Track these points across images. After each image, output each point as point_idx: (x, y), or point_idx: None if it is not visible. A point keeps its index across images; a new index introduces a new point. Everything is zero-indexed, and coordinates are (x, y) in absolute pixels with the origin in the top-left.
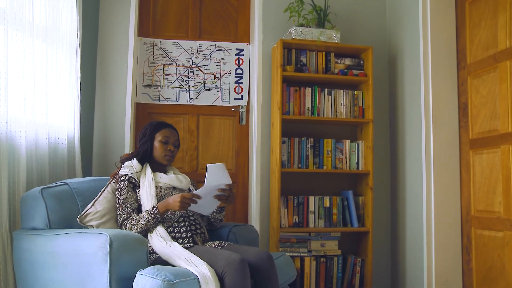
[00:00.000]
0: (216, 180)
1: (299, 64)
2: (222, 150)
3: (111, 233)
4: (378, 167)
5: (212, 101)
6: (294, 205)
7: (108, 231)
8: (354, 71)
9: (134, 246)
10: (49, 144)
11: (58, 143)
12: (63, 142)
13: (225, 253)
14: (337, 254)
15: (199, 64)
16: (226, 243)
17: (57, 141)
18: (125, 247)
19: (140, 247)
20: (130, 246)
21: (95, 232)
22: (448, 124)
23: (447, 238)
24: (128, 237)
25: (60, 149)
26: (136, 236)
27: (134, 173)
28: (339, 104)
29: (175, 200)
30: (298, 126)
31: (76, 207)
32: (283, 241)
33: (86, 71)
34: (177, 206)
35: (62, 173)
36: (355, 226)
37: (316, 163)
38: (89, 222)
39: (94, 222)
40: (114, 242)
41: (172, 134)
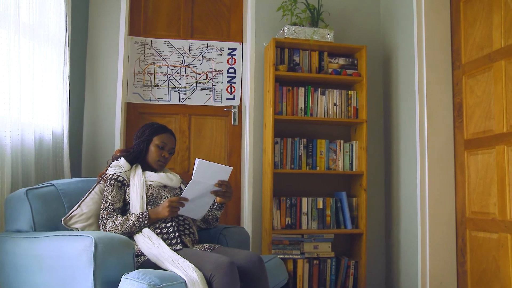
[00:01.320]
0: (206, 178)
1: (292, 64)
2: (214, 150)
3: (96, 236)
4: (372, 168)
5: (204, 101)
6: (286, 206)
7: (93, 233)
8: (347, 71)
9: (120, 248)
10: (36, 145)
11: (45, 143)
12: (51, 143)
13: (214, 256)
14: (330, 256)
15: (191, 64)
16: (216, 246)
17: (44, 141)
18: (111, 250)
19: (126, 250)
20: (115, 249)
21: (80, 234)
22: (442, 125)
23: (442, 240)
24: (114, 240)
25: (47, 149)
26: (122, 239)
27: (122, 172)
28: (332, 104)
29: (164, 207)
30: (291, 127)
31: (63, 209)
32: (276, 243)
33: (75, 70)
34: (166, 212)
35: (49, 173)
36: (348, 227)
37: (309, 164)
38: (74, 225)
39: (79, 224)
40: (99, 245)
41: (170, 141)
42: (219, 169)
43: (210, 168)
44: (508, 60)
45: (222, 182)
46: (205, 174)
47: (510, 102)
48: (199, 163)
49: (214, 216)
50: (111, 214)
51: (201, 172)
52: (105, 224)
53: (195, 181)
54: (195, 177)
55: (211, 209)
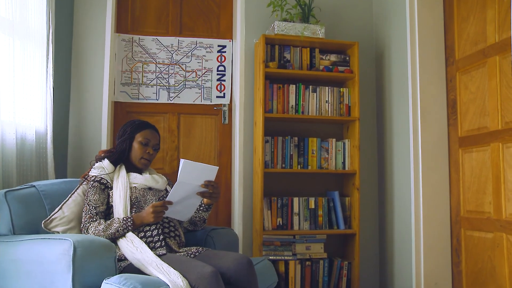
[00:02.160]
0: (192, 179)
1: (282, 61)
2: (204, 150)
3: (76, 239)
4: (365, 167)
5: (194, 100)
6: (278, 206)
7: (73, 236)
8: (339, 68)
9: (100, 252)
10: (17, 144)
11: (27, 143)
12: (34, 142)
13: (198, 265)
14: (323, 257)
15: (179, 61)
16: (203, 249)
17: (27, 141)
18: (91, 254)
19: (107, 254)
20: (96, 253)
21: (59, 238)
22: (436, 122)
23: (436, 240)
24: (94, 243)
25: (30, 149)
26: (103, 242)
27: (106, 174)
28: (324, 101)
29: (148, 212)
30: (281, 125)
31: (44, 211)
32: (267, 244)
33: (60, 68)
34: (151, 218)
35: (32, 174)
36: (341, 228)
37: (300, 163)
38: (55, 228)
39: (60, 227)
40: (78, 249)
41: (153, 136)
42: (205, 169)
43: (196, 168)
44: (503, 55)
45: (209, 183)
46: (190, 175)
47: (505, 98)
48: (184, 164)
49: (201, 218)
50: (93, 218)
51: (186, 172)
52: (88, 228)
53: (180, 182)
54: (180, 178)
55: (198, 210)
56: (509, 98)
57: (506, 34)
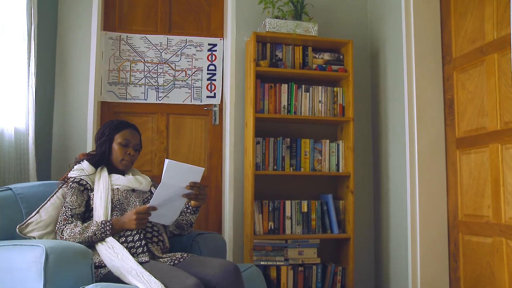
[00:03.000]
0: (176, 180)
1: (274, 59)
2: (193, 151)
3: (49, 245)
4: (359, 169)
5: (183, 100)
6: (269, 210)
7: (46, 242)
8: (333, 67)
9: (75, 259)
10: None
11: (6, 144)
12: (13, 143)
13: (181, 275)
14: (316, 262)
15: (169, 60)
16: (188, 255)
17: (5, 141)
18: (64, 261)
19: (83, 261)
20: (70, 260)
21: (31, 244)
22: (433, 122)
23: (433, 245)
24: (69, 249)
25: (8, 150)
26: (78, 248)
27: (85, 176)
28: (317, 101)
29: (130, 219)
30: (273, 126)
31: (20, 215)
32: (258, 249)
33: (44, 66)
34: (133, 224)
35: (11, 177)
36: (335, 232)
37: (293, 165)
38: (31, 233)
39: (36, 232)
40: (51, 256)
41: (133, 136)
42: (190, 170)
43: (181, 169)
44: (501, 53)
45: (194, 184)
46: (175, 176)
47: (504, 97)
48: (169, 164)
49: (187, 221)
50: (68, 220)
51: (170, 174)
52: (62, 230)
53: (164, 184)
54: (164, 179)
55: (184, 213)
56: (508, 97)
57: (505, 31)
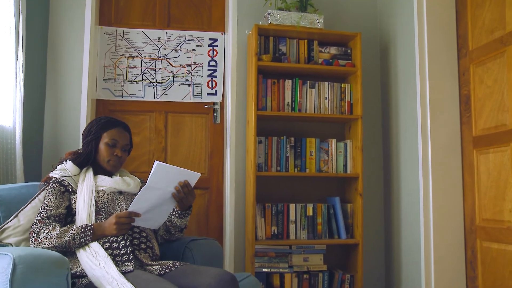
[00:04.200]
0: (164, 184)
1: (277, 53)
2: (193, 151)
3: (17, 254)
4: (368, 170)
5: (182, 97)
6: (272, 213)
7: (16, 250)
8: (340, 61)
9: (48, 269)
10: None
11: None
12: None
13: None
14: (322, 269)
15: (167, 56)
16: (180, 263)
17: None
18: (35, 272)
19: (57, 271)
20: (42, 270)
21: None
22: (448, 120)
23: (449, 252)
24: (41, 258)
25: None
26: (52, 257)
27: (68, 176)
28: (323, 98)
29: (110, 223)
30: (276, 124)
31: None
32: (260, 255)
33: (33, 61)
34: (114, 230)
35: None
36: (342, 237)
37: (297, 165)
38: (7, 239)
39: (13, 238)
40: (19, 266)
41: (121, 136)
42: (184, 174)
43: (171, 173)
44: None
45: (184, 185)
46: (163, 180)
47: None
48: (158, 167)
49: (174, 225)
50: (44, 221)
51: (158, 177)
52: (38, 233)
53: (149, 187)
54: (150, 182)
55: (171, 215)
56: None
57: None
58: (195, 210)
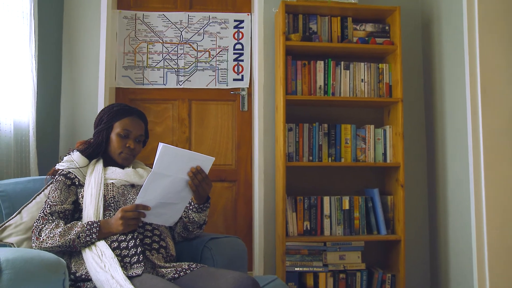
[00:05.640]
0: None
1: (307, 32)
2: (219, 141)
3: (6, 257)
4: (410, 159)
5: (207, 84)
6: (304, 207)
7: (6, 252)
8: (377, 39)
9: (41, 274)
10: None
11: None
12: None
13: None
14: (360, 268)
15: (190, 40)
16: (197, 265)
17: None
18: (25, 277)
19: (52, 276)
20: (34, 275)
21: None
22: (502, 102)
23: (505, 251)
24: (33, 262)
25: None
26: (46, 260)
27: (75, 168)
28: (359, 80)
29: (116, 218)
30: (308, 110)
31: (0, 217)
32: (292, 253)
33: (48, 49)
34: (120, 226)
35: (11, 173)
36: (382, 233)
37: (331, 155)
38: (8, 238)
39: (15, 237)
40: (6, 271)
41: (135, 126)
42: (194, 158)
43: (180, 157)
44: None
45: (196, 171)
46: (172, 165)
47: None
48: (163, 149)
49: (192, 221)
50: (47, 218)
51: (165, 161)
52: (40, 230)
53: (156, 174)
54: (156, 167)
55: (187, 209)
56: None
57: None
58: (222, 204)
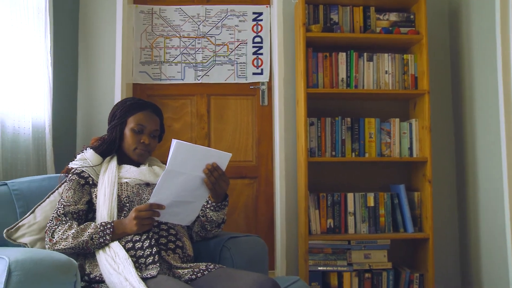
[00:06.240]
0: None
1: (328, 23)
2: (239, 138)
3: (15, 258)
4: (438, 153)
5: (225, 78)
6: (327, 204)
7: (16, 253)
8: (402, 29)
9: (51, 276)
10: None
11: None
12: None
13: None
14: (386, 267)
15: (208, 34)
16: (215, 266)
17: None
18: (34, 280)
19: (62, 278)
20: (44, 277)
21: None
22: None
23: None
24: (43, 263)
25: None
26: (57, 261)
27: (88, 167)
28: (383, 72)
29: (130, 219)
30: (330, 103)
31: (14, 216)
32: (315, 252)
33: (63, 45)
34: (134, 226)
35: (30, 171)
36: (409, 231)
37: (355, 149)
38: (21, 238)
39: (28, 237)
40: (14, 273)
41: (150, 121)
42: (210, 155)
43: (195, 153)
44: None
45: (212, 168)
46: (187, 162)
47: None
48: (177, 146)
49: (210, 220)
50: (61, 219)
51: (180, 158)
52: (53, 232)
53: (170, 172)
54: (170, 165)
55: (204, 208)
56: None
57: None
58: (242, 202)
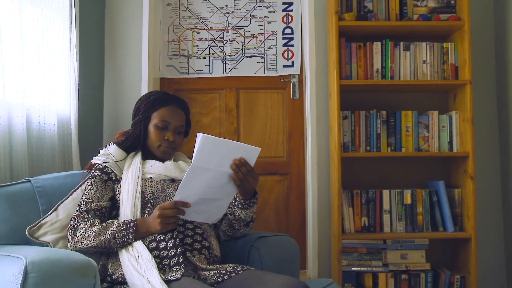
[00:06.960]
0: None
1: (362, 11)
2: (269, 132)
3: (32, 258)
4: (480, 148)
5: (255, 71)
6: (362, 202)
7: (34, 253)
8: (441, 15)
9: (69, 278)
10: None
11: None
12: (52, 128)
13: None
14: (424, 269)
15: (236, 26)
16: (243, 268)
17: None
18: (51, 281)
19: (81, 280)
20: (61, 279)
21: (15, 255)
22: None
23: None
24: (60, 264)
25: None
26: (75, 262)
27: (112, 162)
28: (421, 62)
29: (154, 217)
30: (364, 96)
31: (37, 213)
32: (348, 252)
33: (89, 39)
34: (158, 225)
35: (55, 167)
36: (449, 230)
37: (391, 144)
38: (43, 236)
39: (50, 236)
40: (31, 275)
41: (174, 116)
42: (237, 149)
43: (222, 148)
44: None
45: (240, 163)
46: (213, 157)
47: None
48: (203, 141)
49: (238, 218)
50: (83, 216)
51: (206, 153)
52: (75, 229)
53: (196, 168)
54: (196, 161)
55: (232, 205)
56: None
57: None
58: (273, 199)
